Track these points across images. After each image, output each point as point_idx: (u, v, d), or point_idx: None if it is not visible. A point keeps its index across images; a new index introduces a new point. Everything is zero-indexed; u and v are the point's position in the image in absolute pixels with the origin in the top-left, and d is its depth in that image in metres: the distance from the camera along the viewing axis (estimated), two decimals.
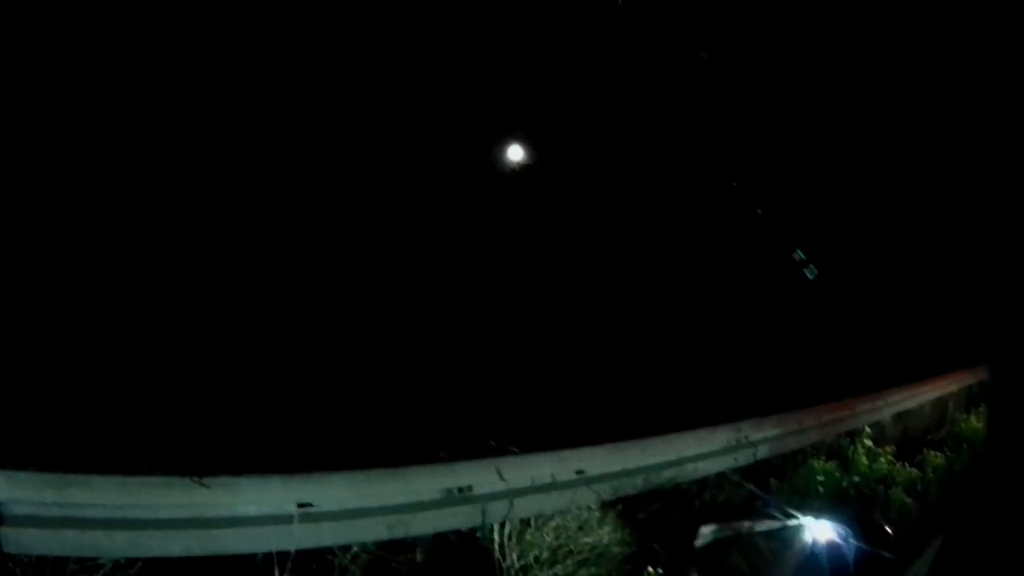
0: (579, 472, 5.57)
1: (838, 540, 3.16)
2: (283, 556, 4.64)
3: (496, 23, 9.91)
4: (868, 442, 8.58)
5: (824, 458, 8.01)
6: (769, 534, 3.67)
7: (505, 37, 9.97)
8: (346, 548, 4.88)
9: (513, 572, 5.18)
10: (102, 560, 4.25)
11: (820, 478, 7.52)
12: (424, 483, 4.88)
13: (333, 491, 4.65)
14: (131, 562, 4.31)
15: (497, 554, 5.20)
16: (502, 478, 5.13)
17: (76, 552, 4.15)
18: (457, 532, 5.13)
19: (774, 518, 3.75)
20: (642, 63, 10.72)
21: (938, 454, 8.88)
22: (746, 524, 3.84)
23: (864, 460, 8.20)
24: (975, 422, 10.42)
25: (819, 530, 3.29)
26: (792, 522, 3.68)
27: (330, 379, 6.61)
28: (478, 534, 5.17)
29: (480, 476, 5.07)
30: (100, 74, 7.29)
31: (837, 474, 7.72)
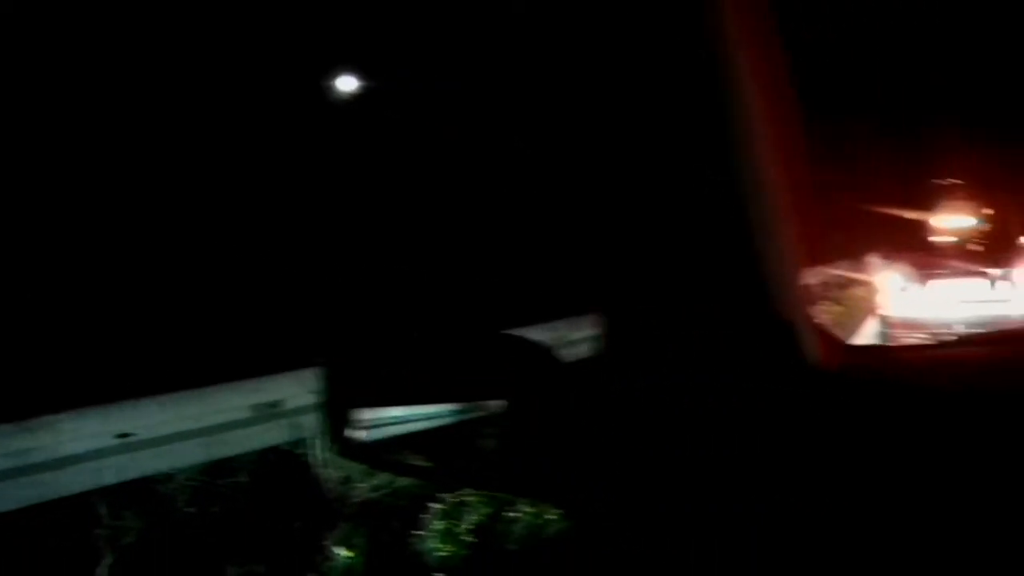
0: None
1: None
2: (112, 491, 5.02)
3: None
4: None
5: None
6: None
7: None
8: (170, 476, 5.30)
9: (334, 484, 5.70)
10: None
11: None
12: (234, 401, 5.21)
13: (148, 418, 4.91)
14: None
15: (317, 468, 5.72)
16: (310, 391, 5.58)
17: None
18: (277, 449, 5.62)
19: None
20: None
21: None
22: (493, 404, 4.56)
23: None
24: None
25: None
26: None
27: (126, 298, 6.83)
28: (298, 450, 5.69)
29: (288, 390, 5.35)
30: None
31: None
